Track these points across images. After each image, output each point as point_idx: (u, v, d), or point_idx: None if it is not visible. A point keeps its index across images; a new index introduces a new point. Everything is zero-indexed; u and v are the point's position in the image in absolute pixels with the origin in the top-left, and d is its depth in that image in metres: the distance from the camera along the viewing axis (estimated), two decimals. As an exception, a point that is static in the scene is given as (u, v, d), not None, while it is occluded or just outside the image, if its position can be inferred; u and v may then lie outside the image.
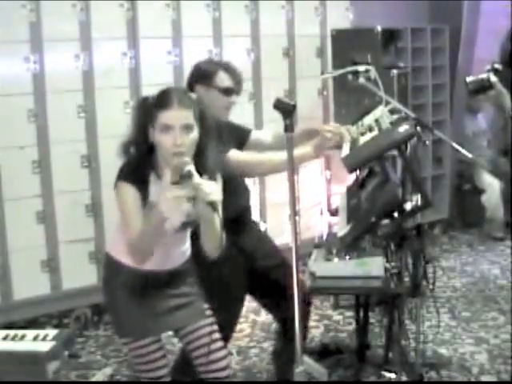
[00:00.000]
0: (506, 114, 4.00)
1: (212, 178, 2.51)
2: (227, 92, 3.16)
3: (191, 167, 2.35)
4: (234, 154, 3.05)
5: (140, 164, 2.52)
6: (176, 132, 2.42)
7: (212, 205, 2.33)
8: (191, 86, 3.18)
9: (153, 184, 2.51)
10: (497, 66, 3.94)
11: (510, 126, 5.14)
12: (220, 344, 2.73)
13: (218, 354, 2.71)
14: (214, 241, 2.47)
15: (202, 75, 3.16)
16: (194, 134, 2.47)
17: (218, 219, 2.39)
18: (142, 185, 2.48)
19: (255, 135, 3.37)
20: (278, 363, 3.52)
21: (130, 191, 2.46)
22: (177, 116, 2.44)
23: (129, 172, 2.50)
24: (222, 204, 2.58)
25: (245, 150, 3.24)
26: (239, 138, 3.34)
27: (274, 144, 3.32)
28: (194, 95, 2.66)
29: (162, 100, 2.49)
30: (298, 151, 2.96)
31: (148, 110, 2.52)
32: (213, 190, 2.36)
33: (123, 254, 2.60)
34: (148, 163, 2.52)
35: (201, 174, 2.42)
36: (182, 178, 2.31)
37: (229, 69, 3.20)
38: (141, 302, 2.62)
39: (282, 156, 2.70)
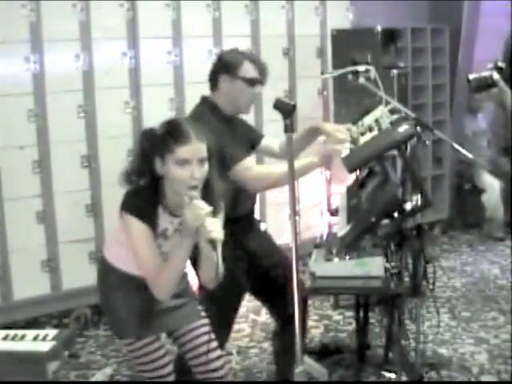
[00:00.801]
0: (508, 112, 4.00)
1: (216, 208, 2.52)
2: (252, 83, 3.11)
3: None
4: (247, 164, 3.01)
5: (147, 196, 2.52)
6: (193, 166, 2.43)
7: (213, 243, 2.36)
8: (215, 77, 3.14)
9: (161, 216, 2.53)
10: (500, 63, 3.94)
11: (511, 124, 5.14)
12: (215, 344, 2.74)
13: (214, 354, 2.72)
14: (211, 274, 2.48)
15: (228, 65, 3.11)
16: (207, 166, 2.49)
17: (216, 256, 2.40)
18: (150, 218, 2.49)
19: (265, 141, 3.37)
20: (279, 363, 3.52)
21: (140, 226, 2.47)
22: (194, 150, 2.44)
23: (136, 205, 2.49)
24: (230, 204, 2.66)
25: (254, 154, 3.24)
26: (252, 140, 3.34)
27: (279, 154, 3.32)
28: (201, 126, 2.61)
29: (179, 134, 2.48)
30: (303, 161, 2.96)
31: (156, 142, 2.50)
32: (215, 227, 2.38)
33: (117, 259, 2.63)
34: (155, 195, 2.52)
35: (206, 202, 2.44)
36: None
37: (254, 59, 3.17)
38: (136, 303, 2.63)
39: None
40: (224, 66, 3.12)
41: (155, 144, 2.50)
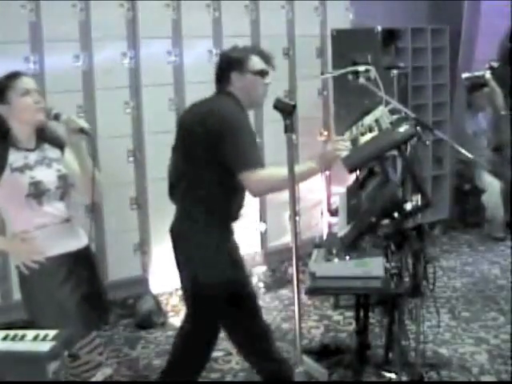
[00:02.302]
0: (498, 112, 4.01)
1: None
2: (262, 74, 3.16)
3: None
4: (262, 175, 2.99)
5: None
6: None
7: (82, 131, 2.77)
8: (226, 75, 3.16)
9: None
10: (493, 63, 3.95)
11: (502, 123, 5.14)
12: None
13: None
14: (88, 169, 2.80)
15: (236, 62, 3.14)
16: None
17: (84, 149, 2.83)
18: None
19: None
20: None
21: None
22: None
23: None
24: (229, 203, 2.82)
25: None
26: None
27: None
28: None
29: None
30: (303, 167, 2.97)
31: None
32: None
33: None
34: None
35: None
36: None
37: (259, 51, 3.22)
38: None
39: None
40: (233, 64, 3.15)
41: None
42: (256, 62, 3.14)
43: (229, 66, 3.16)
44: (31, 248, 2.77)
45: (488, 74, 3.75)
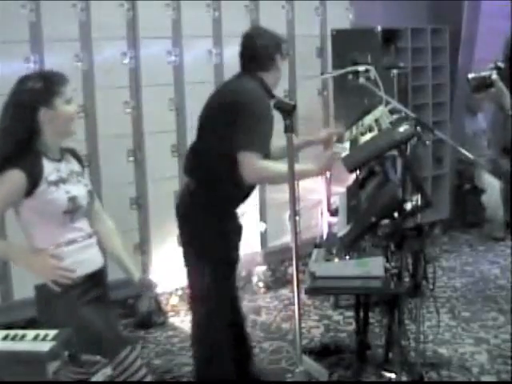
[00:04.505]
0: (506, 112, 4.01)
1: None
2: (286, 58, 3.31)
3: None
4: (256, 161, 3.04)
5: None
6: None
7: None
8: (270, 58, 3.19)
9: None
10: (499, 64, 3.94)
11: (510, 124, 5.14)
12: None
13: None
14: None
15: (279, 45, 3.23)
16: None
17: None
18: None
19: None
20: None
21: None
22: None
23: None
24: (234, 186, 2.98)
25: None
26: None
27: (273, 154, 3.35)
28: None
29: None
30: (302, 167, 2.99)
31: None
32: None
33: None
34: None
35: None
36: None
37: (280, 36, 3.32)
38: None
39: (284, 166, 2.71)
40: (277, 46, 3.22)
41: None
42: (285, 47, 3.26)
43: (274, 48, 3.21)
44: (62, 265, 2.59)
45: (495, 75, 3.74)
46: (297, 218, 2.42)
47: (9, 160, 2.52)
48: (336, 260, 3.14)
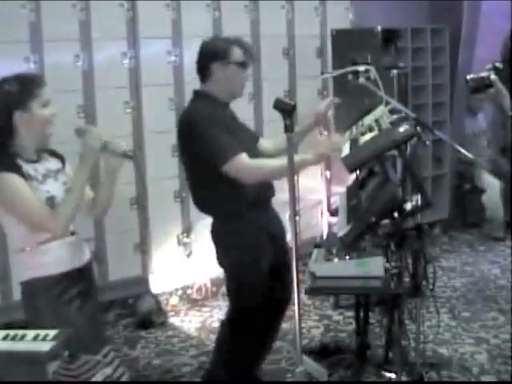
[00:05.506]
0: (506, 113, 4.00)
1: None
2: (243, 66, 3.18)
3: None
4: (243, 160, 3.04)
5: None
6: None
7: (125, 155, 2.70)
8: (207, 66, 3.16)
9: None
10: (498, 64, 3.94)
11: (510, 124, 5.14)
12: None
13: None
14: (109, 197, 2.84)
15: (218, 52, 3.15)
16: None
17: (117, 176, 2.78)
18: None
19: (260, 142, 3.42)
20: None
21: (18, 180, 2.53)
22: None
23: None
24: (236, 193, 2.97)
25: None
26: (255, 136, 3.44)
27: (275, 152, 3.36)
28: None
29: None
30: (297, 157, 2.99)
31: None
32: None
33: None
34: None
35: None
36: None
37: (240, 43, 3.23)
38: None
39: (280, 161, 2.72)
40: (215, 54, 3.16)
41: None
42: (238, 54, 3.16)
43: (211, 56, 3.16)
44: None
45: (493, 76, 3.73)
46: (297, 217, 2.41)
47: None
48: (336, 260, 3.14)
